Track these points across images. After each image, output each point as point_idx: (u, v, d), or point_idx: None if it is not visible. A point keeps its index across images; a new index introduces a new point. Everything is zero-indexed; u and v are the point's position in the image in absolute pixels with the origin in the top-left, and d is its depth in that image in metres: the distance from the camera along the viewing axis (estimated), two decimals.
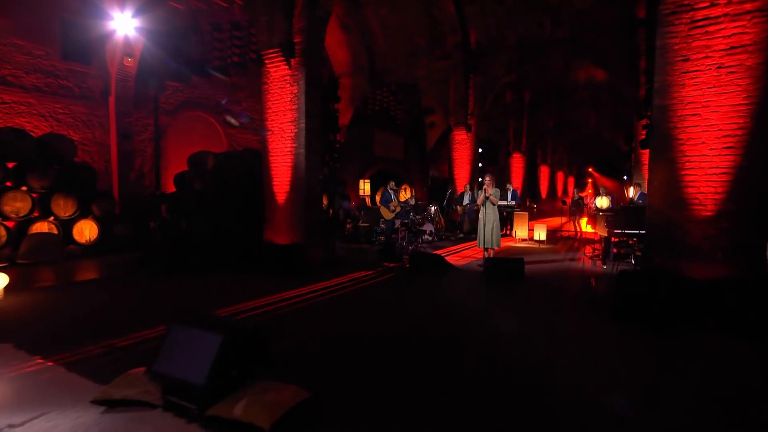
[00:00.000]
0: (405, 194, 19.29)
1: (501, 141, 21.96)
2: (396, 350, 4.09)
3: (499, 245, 8.42)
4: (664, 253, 5.24)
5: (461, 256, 10.01)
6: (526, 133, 20.98)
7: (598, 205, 10.41)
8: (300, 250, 7.98)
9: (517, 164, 21.19)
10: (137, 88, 10.36)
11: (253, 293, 6.22)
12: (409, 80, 16.18)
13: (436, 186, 22.28)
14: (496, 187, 8.52)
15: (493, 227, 8.30)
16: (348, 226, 12.77)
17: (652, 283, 4.90)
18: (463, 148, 15.32)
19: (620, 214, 8.26)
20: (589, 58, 12.95)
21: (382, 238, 11.47)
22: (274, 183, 8.36)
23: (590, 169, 32.05)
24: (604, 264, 8.46)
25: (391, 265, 8.73)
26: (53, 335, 4.39)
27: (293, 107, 8.06)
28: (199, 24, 12.38)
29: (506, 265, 7.37)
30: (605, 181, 26.89)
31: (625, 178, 13.48)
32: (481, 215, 8.37)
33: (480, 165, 16.38)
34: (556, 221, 19.77)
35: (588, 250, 10.74)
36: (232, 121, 14.11)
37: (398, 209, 10.85)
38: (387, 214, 10.79)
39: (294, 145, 8.11)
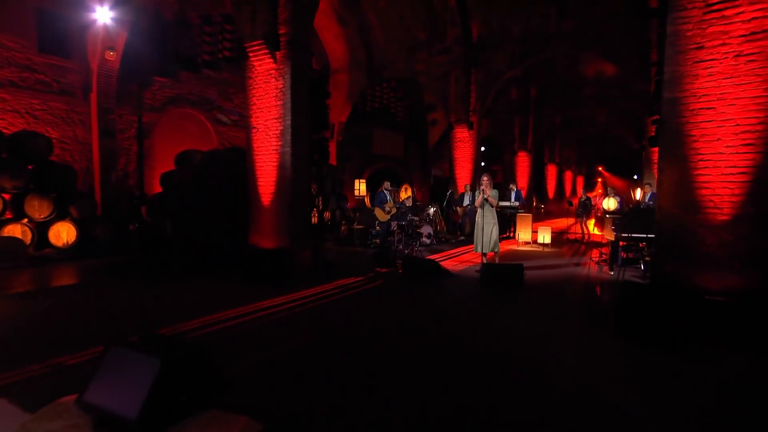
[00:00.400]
0: (405, 194, 18.96)
1: (506, 139, 21.55)
2: (375, 366, 3.75)
3: (498, 250, 8.06)
4: (676, 261, 4.86)
5: (459, 260, 9.65)
6: (532, 130, 20.56)
7: (606, 207, 10.00)
8: (286, 255, 7.66)
9: (523, 163, 20.78)
10: (121, 83, 10.08)
11: (232, 301, 5.91)
12: (409, 75, 15.82)
13: (439, 186, 21.90)
14: (495, 188, 8.17)
15: (492, 231, 7.95)
16: (343, 227, 12.45)
17: (659, 294, 4.52)
18: (464, 147, 14.95)
19: (628, 216, 7.88)
20: (597, 52, 12.54)
21: (378, 241, 11.14)
22: (259, 183, 8.04)
23: (600, 169, 31.54)
24: (611, 270, 8.08)
25: (383, 270, 8.39)
26: None
27: (279, 103, 7.74)
28: (187, 16, 12.10)
29: (504, 272, 7.00)
30: (615, 181, 26.41)
31: (635, 177, 13.05)
32: (478, 218, 8.02)
33: (483, 164, 16.01)
34: (563, 223, 19.33)
35: (594, 254, 10.34)
36: (223, 118, 13.82)
37: (394, 211, 10.50)
38: (382, 216, 10.45)
39: (279, 143, 7.79)
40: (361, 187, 12.70)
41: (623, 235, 7.50)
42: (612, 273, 8.00)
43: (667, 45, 4.90)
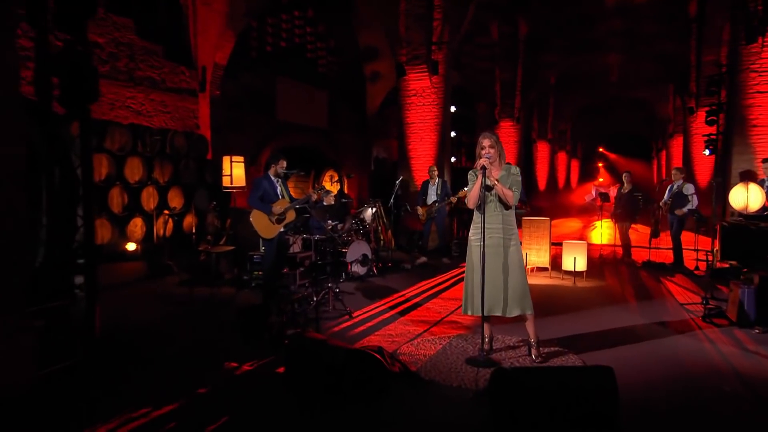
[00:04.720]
0: (331, 186, 14.94)
1: (484, 101, 17.95)
2: None
3: (530, 309, 4.07)
4: None
5: (427, 315, 5.57)
6: (520, 88, 17.11)
7: (742, 206, 6.16)
8: None
9: (509, 137, 17.34)
10: None
11: None
12: None
13: (384, 173, 18.06)
14: (511, 165, 4.25)
15: (507, 266, 3.98)
16: (201, 248, 8.10)
17: None
18: (424, 104, 11.10)
19: None
20: None
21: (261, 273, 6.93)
22: None
23: (601, 149, 29.07)
24: None
25: (246, 368, 4.16)
26: None
27: None
28: None
29: (560, 394, 2.97)
30: (628, 165, 23.82)
31: (707, 152, 9.67)
32: (473, 236, 4.06)
33: (453, 135, 12.17)
34: (568, 226, 16.19)
35: (682, 295, 6.69)
36: None
37: (291, 216, 6.27)
38: (266, 230, 6.16)
39: None
40: (234, 169, 8.26)
41: None
42: None
43: None
